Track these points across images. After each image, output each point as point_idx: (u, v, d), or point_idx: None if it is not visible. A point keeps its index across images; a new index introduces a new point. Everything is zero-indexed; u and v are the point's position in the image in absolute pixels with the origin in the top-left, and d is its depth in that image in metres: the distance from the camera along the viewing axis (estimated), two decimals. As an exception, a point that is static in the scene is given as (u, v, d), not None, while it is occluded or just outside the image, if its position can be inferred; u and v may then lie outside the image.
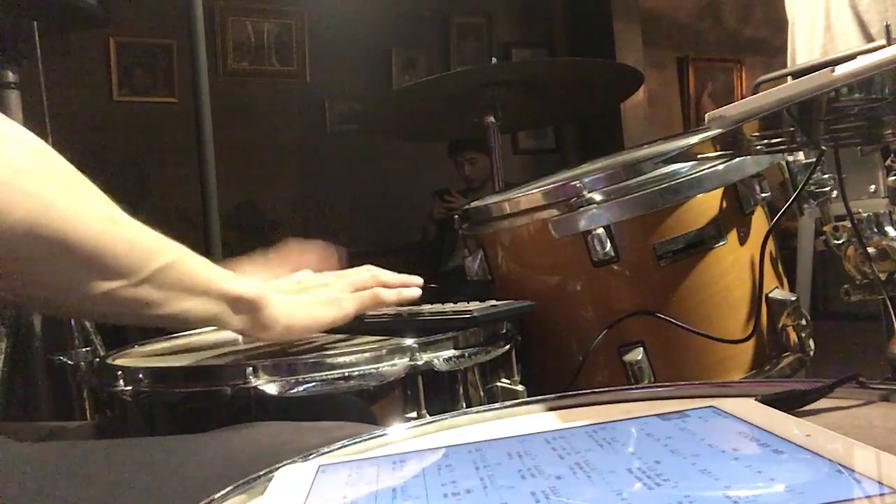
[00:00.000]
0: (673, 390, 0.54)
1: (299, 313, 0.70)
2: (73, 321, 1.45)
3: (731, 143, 0.78)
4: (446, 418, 0.53)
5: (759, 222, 0.96)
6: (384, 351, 0.69)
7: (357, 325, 0.84)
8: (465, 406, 0.73)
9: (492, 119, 1.48)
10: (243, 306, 0.65)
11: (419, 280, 0.82)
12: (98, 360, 0.86)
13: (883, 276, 0.89)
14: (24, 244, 0.49)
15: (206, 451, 0.58)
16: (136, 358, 0.85)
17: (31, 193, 0.49)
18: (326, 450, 0.48)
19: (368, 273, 0.80)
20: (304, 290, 0.74)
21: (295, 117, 3.92)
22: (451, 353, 0.72)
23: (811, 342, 0.97)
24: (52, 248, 0.51)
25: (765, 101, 0.57)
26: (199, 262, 0.63)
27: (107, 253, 0.54)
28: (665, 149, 1.02)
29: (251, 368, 0.66)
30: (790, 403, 0.47)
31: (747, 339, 0.91)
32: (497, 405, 0.55)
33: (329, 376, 0.67)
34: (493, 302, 0.82)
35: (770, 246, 0.95)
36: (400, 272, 0.83)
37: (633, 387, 0.83)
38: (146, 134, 3.43)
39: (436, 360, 0.71)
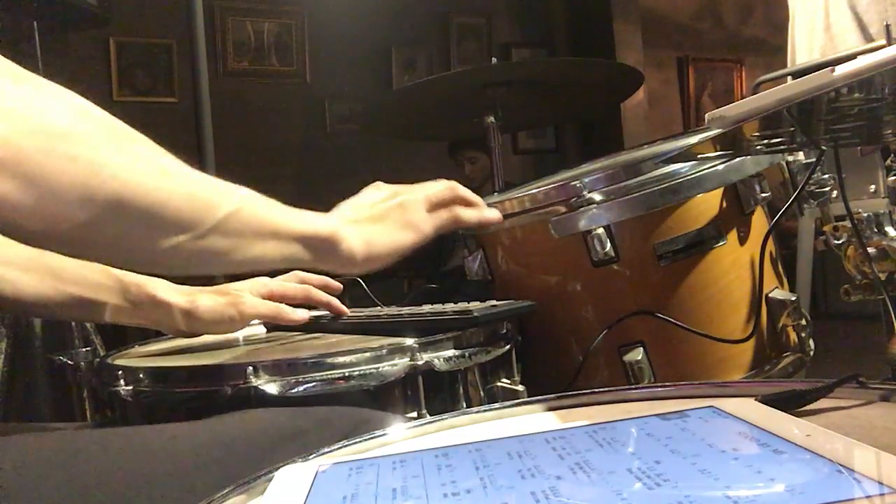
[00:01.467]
0: (673, 390, 0.54)
1: (378, 241, 0.68)
2: (73, 321, 1.46)
3: (731, 143, 0.79)
4: (446, 418, 0.53)
5: (759, 222, 0.96)
6: (384, 351, 0.69)
7: (357, 325, 0.84)
8: (465, 406, 0.73)
9: (492, 119, 1.48)
10: (318, 244, 0.63)
11: (497, 213, 0.80)
12: (98, 359, 0.86)
13: (883, 276, 0.89)
14: (80, 210, 0.47)
15: (201, 436, 0.58)
16: (136, 358, 0.85)
17: (80, 157, 0.47)
18: (326, 450, 0.48)
19: (446, 185, 0.77)
20: (378, 217, 0.71)
21: (295, 117, 3.92)
22: (451, 353, 0.72)
23: (811, 342, 0.97)
24: (107, 210, 0.49)
25: (765, 101, 0.57)
26: (267, 204, 0.61)
27: (166, 208, 0.52)
28: (665, 149, 1.02)
29: (251, 368, 0.66)
30: (790, 403, 0.47)
31: (747, 339, 0.91)
32: (497, 405, 0.55)
33: (329, 376, 0.67)
34: (493, 302, 0.82)
35: (770, 246, 0.95)
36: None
37: (633, 387, 0.83)
38: (146, 134, 3.42)
39: (436, 360, 0.71)
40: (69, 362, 1.43)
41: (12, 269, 0.73)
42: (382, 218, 0.71)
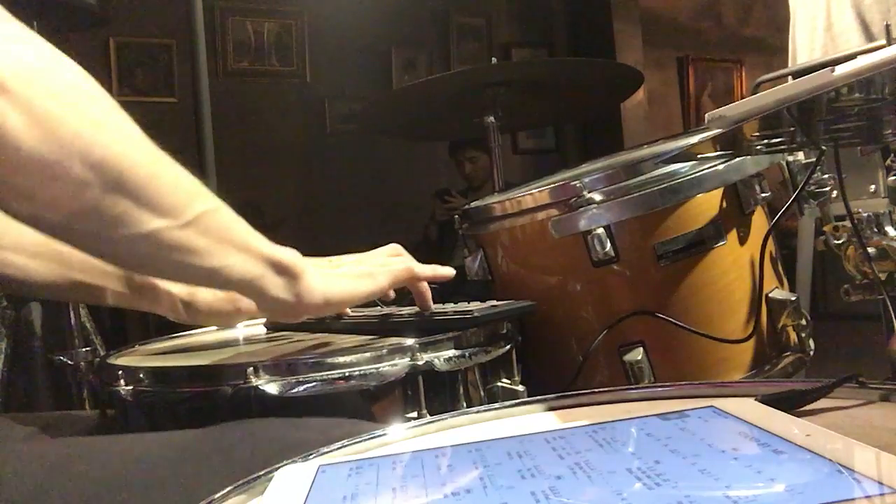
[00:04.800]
0: (673, 390, 0.54)
1: (337, 286, 0.68)
2: (72, 321, 1.46)
3: (731, 143, 0.79)
4: (446, 418, 0.53)
5: (759, 222, 0.96)
6: (384, 351, 0.69)
7: (357, 325, 0.84)
8: (465, 406, 0.73)
9: (492, 119, 1.48)
10: (284, 270, 0.62)
11: (451, 270, 0.82)
12: (98, 359, 0.86)
13: (883, 276, 0.89)
14: (77, 164, 0.47)
15: (203, 447, 0.58)
16: (136, 357, 0.85)
17: (83, 112, 0.48)
18: (326, 450, 0.48)
19: (396, 256, 0.81)
20: (336, 266, 0.74)
21: (295, 117, 3.92)
22: (451, 353, 0.72)
23: (811, 342, 0.97)
24: (102, 172, 0.48)
25: (765, 101, 0.57)
26: (239, 218, 0.61)
27: (155, 186, 0.52)
28: (665, 149, 1.02)
29: (252, 368, 0.66)
30: (790, 403, 0.47)
31: (747, 339, 0.91)
32: (497, 405, 0.55)
33: (329, 376, 0.67)
34: (494, 302, 0.82)
35: (770, 246, 0.95)
36: None
37: (633, 387, 0.83)
38: (146, 134, 3.42)
39: (436, 360, 0.70)
40: (69, 362, 1.43)
41: (22, 256, 0.75)
42: (339, 267, 0.74)
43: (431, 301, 0.79)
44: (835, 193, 0.94)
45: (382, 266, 0.75)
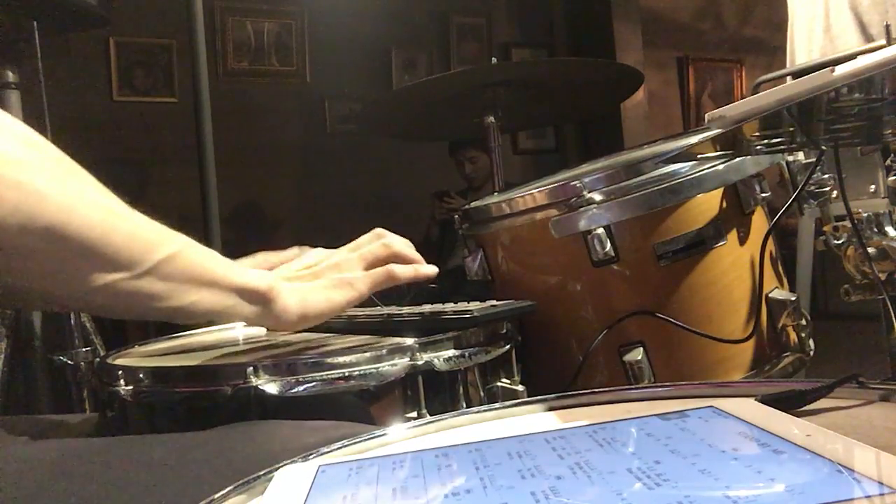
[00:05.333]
0: (673, 390, 0.54)
1: (312, 300, 0.69)
2: (72, 321, 1.46)
3: (731, 143, 0.79)
4: (446, 418, 0.53)
5: (759, 222, 0.96)
6: (384, 351, 0.69)
7: (357, 325, 0.84)
8: (465, 406, 0.73)
9: (492, 119, 1.48)
10: (254, 297, 0.63)
11: (433, 268, 0.79)
12: (98, 359, 0.86)
13: (883, 276, 0.89)
14: (18, 236, 0.48)
15: (204, 450, 0.58)
16: (136, 358, 0.85)
17: (23, 183, 0.48)
18: (326, 450, 0.48)
19: (381, 244, 0.76)
20: (314, 275, 0.72)
21: (295, 117, 3.92)
22: (451, 353, 0.72)
23: (811, 342, 0.97)
24: (47, 240, 0.49)
25: (765, 101, 0.57)
26: (206, 253, 0.61)
27: (105, 244, 0.52)
28: (665, 149, 1.02)
29: (251, 368, 0.66)
30: (790, 403, 0.47)
31: (747, 339, 0.91)
32: (497, 405, 0.55)
33: (329, 376, 0.67)
34: (493, 302, 0.82)
35: (770, 246, 0.95)
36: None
37: (633, 387, 0.83)
38: (146, 134, 3.43)
39: (436, 360, 0.71)
40: (69, 362, 1.43)
41: None
42: (317, 277, 0.72)
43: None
44: (835, 193, 0.94)
45: (362, 268, 0.74)
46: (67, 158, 0.53)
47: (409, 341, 0.71)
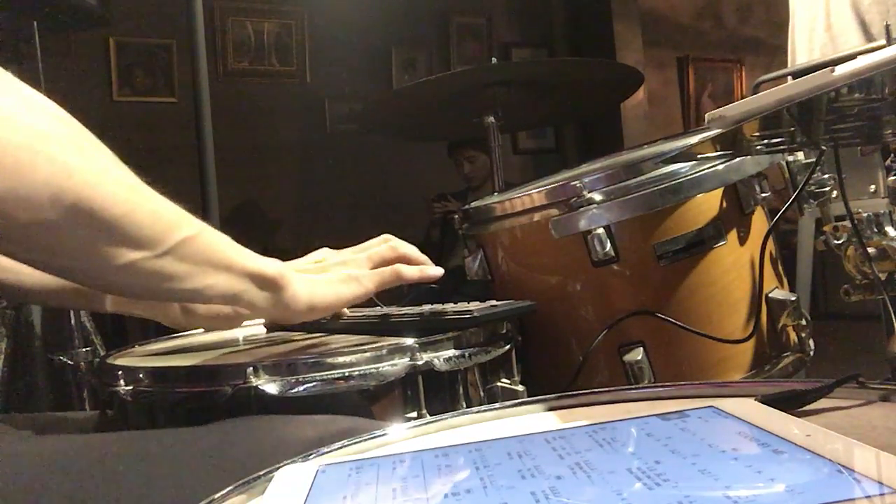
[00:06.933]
0: (673, 390, 0.54)
1: (321, 291, 0.70)
2: (72, 321, 1.46)
3: (731, 143, 0.79)
4: (446, 418, 0.53)
5: (759, 222, 0.96)
6: (384, 351, 0.69)
7: (357, 325, 0.84)
8: (465, 406, 0.73)
9: (492, 119, 1.48)
10: (266, 284, 0.64)
11: (439, 270, 0.81)
12: (98, 359, 0.86)
13: (883, 276, 0.89)
14: (48, 209, 0.48)
15: (202, 444, 0.58)
16: (136, 357, 0.85)
17: (54, 157, 0.48)
18: (326, 450, 0.48)
19: (388, 246, 0.79)
20: (322, 270, 0.74)
21: (295, 117, 3.92)
22: (451, 353, 0.72)
23: (811, 342, 0.97)
24: (75, 214, 0.49)
25: (765, 101, 0.57)
26: (222, 238, 0.62)
27: (130, 221, 0.53)
28: (665, 149, 1.02)
29: (251, 368, 0.66)
30: (790, 403, 0.47)
31: (747, 339, 0.91)
32: (497, 405, 0.55)
33: (329, 376, 0.67)
34: (493, 302, 0.82)
35: (770, 246, 0.95)
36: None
37: (633, 387, 0.83)
38: (146, 134, 3.43)
39: (436, 360, 0.70)
40: (69, 362, 1.43)
41: (16, 261, 0.75)
42: (325, 271, 0.74)
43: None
44: (835, 193, 0.94)
45: (369, 267, 0.76)
46: (92, 135, 0.53)
47: (409, 341, 0.71)
